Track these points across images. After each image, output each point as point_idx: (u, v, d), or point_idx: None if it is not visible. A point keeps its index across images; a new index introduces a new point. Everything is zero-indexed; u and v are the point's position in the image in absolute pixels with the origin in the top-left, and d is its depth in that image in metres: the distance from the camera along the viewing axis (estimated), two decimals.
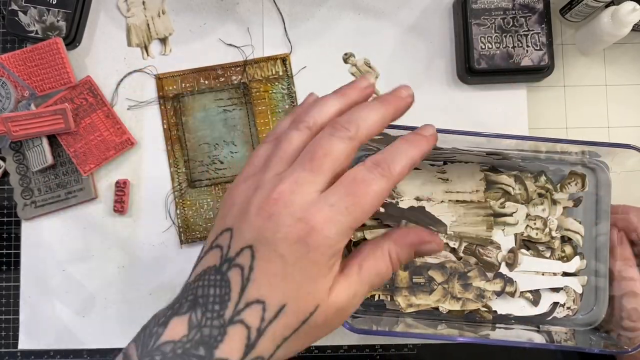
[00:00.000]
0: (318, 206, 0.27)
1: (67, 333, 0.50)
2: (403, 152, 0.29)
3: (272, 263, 0.27)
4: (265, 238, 0.27)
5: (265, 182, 0.28)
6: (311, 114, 0.30)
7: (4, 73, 0.49)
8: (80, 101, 0.50)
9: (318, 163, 0.28)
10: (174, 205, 0.51)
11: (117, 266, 0.50)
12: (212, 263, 0.28)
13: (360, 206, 0.27)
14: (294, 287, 0.27)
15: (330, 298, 0.28)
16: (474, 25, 0.48)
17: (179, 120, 0.51)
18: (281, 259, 0.27)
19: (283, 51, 0.51)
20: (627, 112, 0.52)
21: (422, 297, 0.45)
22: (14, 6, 0.49)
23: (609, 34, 0.46)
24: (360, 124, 0.29)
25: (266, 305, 0.27)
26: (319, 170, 0.28)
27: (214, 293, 0.27)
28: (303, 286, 0.27)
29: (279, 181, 0.28)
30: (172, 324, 0.27)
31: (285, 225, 0.27)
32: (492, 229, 0.46)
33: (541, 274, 0.47)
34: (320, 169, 0.28)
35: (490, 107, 0.51)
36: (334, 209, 0.27)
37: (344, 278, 0.29)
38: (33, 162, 0.50)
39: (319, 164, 0.28)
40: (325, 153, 0.28)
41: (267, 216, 0.27)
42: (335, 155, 0.28)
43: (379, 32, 0.52)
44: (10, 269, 0.51)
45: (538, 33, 0.48)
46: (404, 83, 0.51)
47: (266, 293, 0.27)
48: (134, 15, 0.52)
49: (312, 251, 0.27)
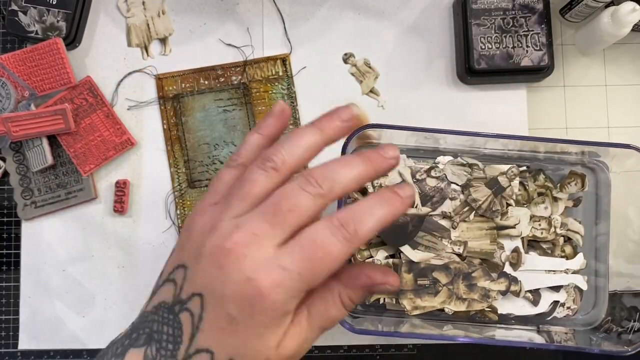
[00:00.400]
0: (269, 267, 0.26)
1: (67, 333, 0.50)
2: (375, 212, 0.27)
3: (220, 318, 0.26)
4: (214, 291, 0.26)
5: (222, 224, 0.27)
6: (282, 151, 0.28)
7: (4, 73, 0.49)
8: (80, 101, 0.50)
9: (281, 218, 0.26)
10: (174, 205, 0.51)
11: (117, 266, 0.50)
12: (166, 299, 0.28)
13: (314, 272, 0.26)
14: (240, 344, 0.26)
15: (279, 351, 0.27)
16: (473, 26, 0.48)
17: (178, 120, 0.51)
18: (228, 316, 0.26)
19: (283, 51, 0.51)
20: (627, 112, 0.52)
21: (427, 299, 0.45)
22: (14, 6, 0.49)
23: (608, 34, 0.46)
24: (335, 182, 0.27)
25: (215, 356, 0.26)
26: (281, 225, 0.26)
27: (167, 332, 0.27)
28: (250, 343, 0.26)
29: (235, 228, 0.26)
30: (129, 356, 0.28)
31: (234, 282, 0.26)
32: (496, 242, 0.46)
33: (545, 272, 0.47)
34: (282, 224, 0.26)
35: (490, 107, 0.51)
36: (286, 273, 0.25)
37: (293, 326, 0.28)
38: (33, 162, 0.50)
39: (282, 219, 0.26)
40: (291, 208, 0.26)
41: (218, 266, 0.26)
42: (301, 212, 0.26)
43: (379, 32, 0.52)
44: (11, 269, 0.51)
45: (538, 33, 0.48)
46: (404, 83, 0.51)
47: (214, 344, 0.26)
48: (134, 16, 0.52)
49: (258, 314, 0.26)
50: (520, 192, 0.47)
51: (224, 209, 0.28)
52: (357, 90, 0.51)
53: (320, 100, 0.51)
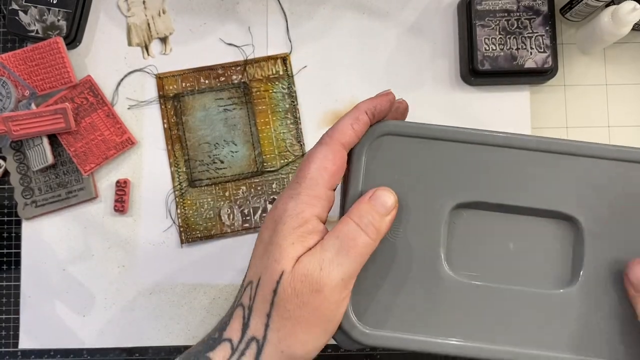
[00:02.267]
0: (286, 192, 0.32)
1: (67, 332, 0.50)
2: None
3: (257, 247, 0.32)
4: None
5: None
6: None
7: (4, 72, 0.49)
8: (80, 100, 0.50)
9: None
10: (174, 204, 0.51)
11: (117, 266, 0.50)
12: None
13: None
14: (266, 260, 0.30)
15: (295, 265, 0.30)
16: (478, 27, 0.48)
17: (179, 119, 0.51)
18: (261, 241, 0.32)
19: (283, 50, 0.51)
20: (628, 112, 0.52)
21: None
22: (14, 5, 0.49)
23: (609, 33, 0.46)
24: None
25: (252, 283, 0.31)
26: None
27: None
28: (272, 256, 0.30)
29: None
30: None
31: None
32: None
33: None
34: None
35: (493, 109, 0.51)
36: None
37: (313, 249, 0.30)
38: (33, 161, 0.50)
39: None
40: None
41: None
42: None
43: (382, 32, 0.52)
44: (11, 269, 0.51)
45: (542, 35, 0.48)
46: (407, 83, 0.51)
47: (252, 273, 0.31)
48: (134, 15, 0.52)
49: (280, 224, 0.31)
50: None
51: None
52: (357, 90, 0.51)
53: (321, 100, 0.51)
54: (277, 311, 0.29)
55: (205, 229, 0.50)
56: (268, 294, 0.30)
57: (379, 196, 0.31)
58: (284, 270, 0.29)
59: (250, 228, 0.50)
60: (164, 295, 0.50)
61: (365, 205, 0.31)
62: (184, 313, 0.50)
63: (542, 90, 0.51)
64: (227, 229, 0.50)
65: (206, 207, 0.50)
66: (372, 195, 0.31)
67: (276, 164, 0.51)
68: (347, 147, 0.33)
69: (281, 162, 0.51)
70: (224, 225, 0.50)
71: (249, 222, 0.50)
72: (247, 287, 0.31)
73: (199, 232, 0.50)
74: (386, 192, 0.32)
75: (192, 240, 0.50)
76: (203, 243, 0.50)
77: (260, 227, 0.33)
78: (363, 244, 0.30)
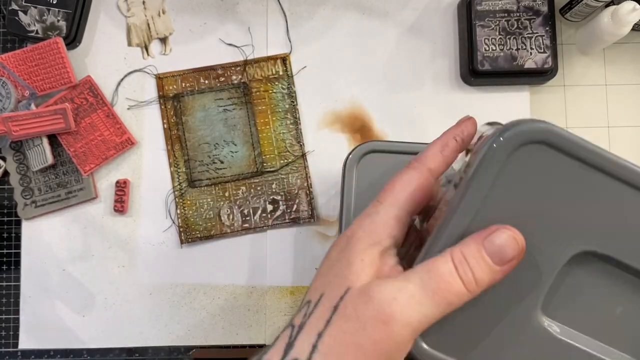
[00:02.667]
0: (364, 212, 0.29)
1: (67, 332, 0.50)
2: None
3: (323, 265, 0.28)
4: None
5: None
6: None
7: (4, 73, 0.49)
8: (80, 101, 0.50)
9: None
10: (174, 204, 0.51)
11: (117, 266, 0.50)
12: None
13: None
14: (332, 277, 0.27)
15: (365, 286, 0.26)
16: (478, 27, 0.48)
17: (179, 119, 0.51)
18: (328, 259, 0.28)
19: (283, 51, 0.51)
20: (627, 112, 0.52)
21: None
22: (14, 6, 0.49)
23: (609, 33, 0.46)
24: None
25: (310, 303, 0.27)
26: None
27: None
28: (339, 272, 0.27)
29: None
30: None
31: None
32: None
33: None
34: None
35: (493, 109, 0.51)
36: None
37: (392, 275, 0.26)
38: (33, 161, 0.50)
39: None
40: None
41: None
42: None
43: (382, 33, 0.52)
44: (11, 269, 0.51)
45: (542, 36, 0.48)
46: (407, 84, 0.51)
47: (312, 292, 0.27)
48: (134, 15, 0.52)
49: (352, 239, 0.27)
50: None
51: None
52: (356, 90, 0.51)
53: (321, 100, 0.51)
54: (331, 331, 0.25)
55: (205, 229, 0.50)
56: (326, 310, 0.25)
57: (496, 239, 0.24)
58: (350, 287, 0.25)
59: (250, 228, 0.50)
60: (164, 295, 0.50)
61: (474, 247, 0.24)
62: (184, 313, 0.50)
63: (541, 90, 0.51)
64: (227, 229, 0.50)
65: (206, 208, 0.50)
66: (488, 235, 0.25)
67: (276, 164, 0.51)
68: (435, 173, 0.29)
69: (281, 162, 0.51)
70: (224, 225, 0.50)
71: (249, 223, 0.50)
72: (304, 307, 0.27)
73: (199, 232, 0.50)
74: (510, 236, 0.24)
75: (191, 241, 0.50)
76: (203, 243, 0.50)
77: (330, 246, 0.29)
78: (456, 293, 0.24)
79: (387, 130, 0.51)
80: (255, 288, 0.50)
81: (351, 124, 0.51)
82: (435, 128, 0.51)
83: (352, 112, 0.51)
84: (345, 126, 0.51)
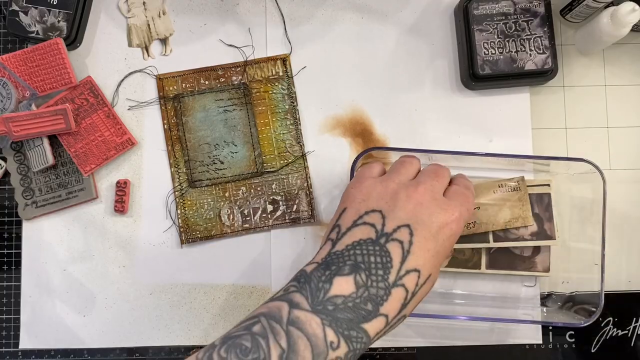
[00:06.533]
0: (452, 203, 0.37)
1: (67, 333, 0.50)
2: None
3: (428, 241, 0.35)
4: (421, 219, 0.36)
5: (404, 183, 0.38)
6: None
7: (4, 73, 0.49)
8: (81, 101, 0.50)
9: (441, 176, 0.39)
10: (174, 205, 0.51)
11: (117, 266, 0.50)
12: (366, 236, 0.35)
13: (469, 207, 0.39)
14: (437, 262, 0.36)
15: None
16: (476, 32, 0.48)
17: (179, 120, 0.51)
18: (434, 239, 0.35)
19: (283, 51, 0.51)
20: (627, 112, 0.52)
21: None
22: (14, 7, 0.49)
23: (608, 34, 0.46)
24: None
25: (421, 273, 0.35)
26: (442, 180, 0.39)
27: (375, 260, 0.34)
28: (439, 261, 0.36)
29: (417, 183, 0.38)
30: (337, 282, 0.34)
31: (435, 212, 0.36)
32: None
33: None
34: (443, 180, 0.39)
35: (493, 112, 0.51)
36: (461, 215, 0.37)
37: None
38: (34, 162, 0.50)
39: (442, 177, 0.39)
40: (442, 174, 0.40)
41: (418, 203, 0.36)
42: (445, 175, 0.40)
43: (381, 35, 0.52)
44: (11, 269, 0.51)
45: (540, 36, 0.48)
46: (406, 87, 0.51)
47: (421, 264, 0.35)
48: (134, 16, 0.52)
49: (453, 235, 0.37)
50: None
51: (394, 177, 0.39)
52: (356, 92, 0.51)
53: (320, 101, 0.51)
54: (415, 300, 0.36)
55: (205, 230, 0.50)
56: (429, 289, 0.37)
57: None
58: (433, 274, 0.37)
59: (250, 228, 0.50)
60: (164, 295, 0.50)
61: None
62: (184, 313, 0.50)
63: (541, 91, 0.52)
64: (227, 229, 0.50)
65: (206, 208, 0.50)
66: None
67: (276, 164, 0.51)
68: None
69: (281, 162, 0.51)
70: (224, 225, 0.50)
71: (249, 223, 0.50)
72: (412, 273, 0.34)
73: (199, 233, 0.50)
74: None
75: (192, 241, 0.50)
76: (203, 243, 0.51)
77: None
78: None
79: (389, 135, 0.51)
80: (255, 288, 0.50)
81: (352, 129, 0.51)
82: (436, 132, 0.51)
83: (353, 117, 0.51)
84: (346, 130, 0.51)
